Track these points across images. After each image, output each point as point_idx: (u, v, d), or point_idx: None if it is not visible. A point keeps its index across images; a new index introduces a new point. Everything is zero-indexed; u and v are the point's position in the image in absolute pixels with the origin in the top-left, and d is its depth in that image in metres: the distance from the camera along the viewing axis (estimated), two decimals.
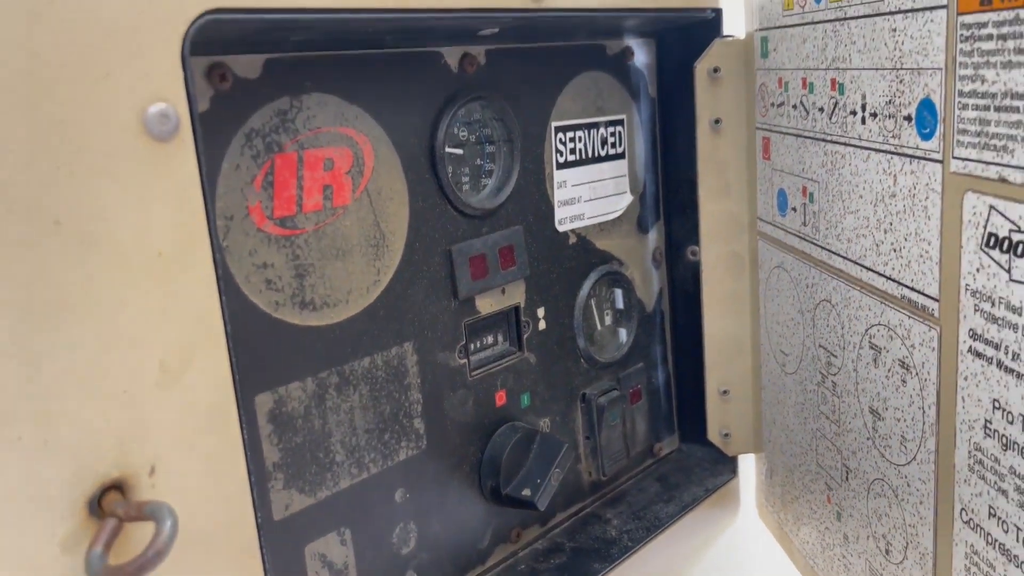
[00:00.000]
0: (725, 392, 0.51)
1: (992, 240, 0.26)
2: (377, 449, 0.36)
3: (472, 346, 0.40)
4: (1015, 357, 0.26)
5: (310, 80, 0.31)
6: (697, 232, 0.48)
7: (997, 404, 0.27)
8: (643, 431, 0.52)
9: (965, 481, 0.29)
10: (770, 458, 0.49)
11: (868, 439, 0.36)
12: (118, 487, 0.23)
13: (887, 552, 0.36)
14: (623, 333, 0.49)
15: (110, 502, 0.22)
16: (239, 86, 0.29)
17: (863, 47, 0.33)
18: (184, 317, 0.24)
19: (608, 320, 0.48)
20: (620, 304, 0.49)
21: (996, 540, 0.28)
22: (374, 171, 0.34)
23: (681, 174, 0.49)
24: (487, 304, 0.41)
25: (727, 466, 0.53)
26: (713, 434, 0.52)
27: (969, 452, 0.29)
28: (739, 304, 0.49)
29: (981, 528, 0.29)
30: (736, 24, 0.46)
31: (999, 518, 0.28)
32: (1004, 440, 0.27)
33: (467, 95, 0.37)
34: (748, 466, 0.53)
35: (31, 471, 0.21)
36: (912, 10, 0.29)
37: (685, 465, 0.53)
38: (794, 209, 0.41)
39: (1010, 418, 0.26)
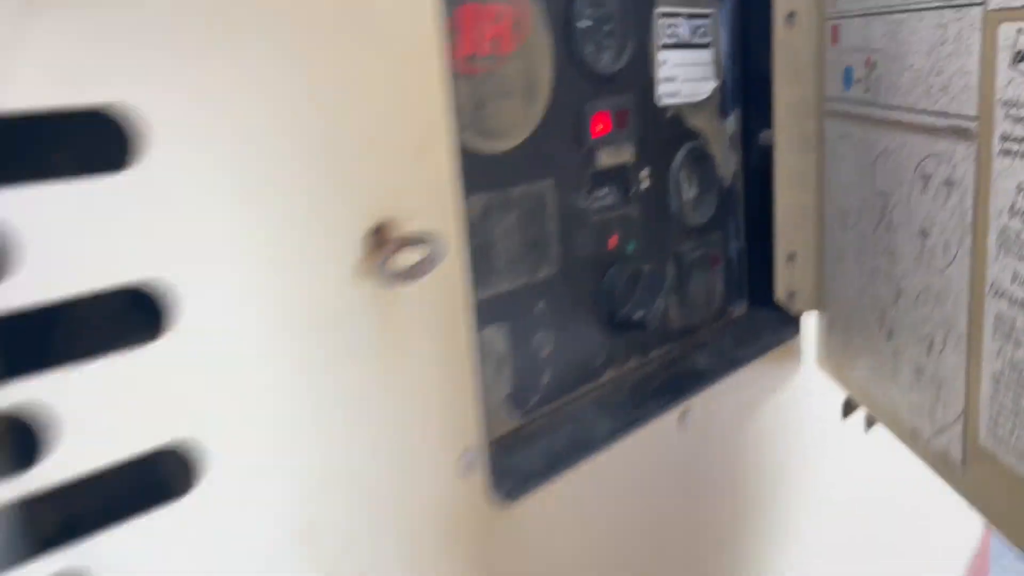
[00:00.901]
0: (791, 257, 0.59)
1: (1019, 56, 0.34)
2: (526, 264, 0.45)
3: (594, 193, 0.50)
4: None
5: None
6: (770, 117, 0.57)
7: (1020, 188, 0.35)
8: (720, 292, 0.61)
9: (994, 259, 0.38)
10: (831, 312, 0.58)
11: (916, 258, 0.45)
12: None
13: (929, 349, 0.45)
14: (706, 203, 0.58)
15: (388, 230, 0.32)
16: None
17: None
18: (426, 117, 0.33)
19: (694, 190, 0.57)
20: (704, 176, 0.58)
21: (1018, 299, 0.37)
22: (530, 31, 0.43)
23: (758, 65, 0.57)
24: (606, 158, 0.50)
25: (791, 325, 0.61)
26: (780, 295, 0.60)
27: (997, 234, 0.37)
28: (805, 179, 0.57)
29: (1005, 294, 0.37)
30: None
31: (1020, 282, 0.36)
32: None
33: None
34: (810, 325, 0.62)
35: (333, 210, 0.31)
36: None
37: (755, 324, 0.62)
38: (858, 80, 0.49)
39: None
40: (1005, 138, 0.36)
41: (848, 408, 0.66)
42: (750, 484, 0.59)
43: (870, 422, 0.69)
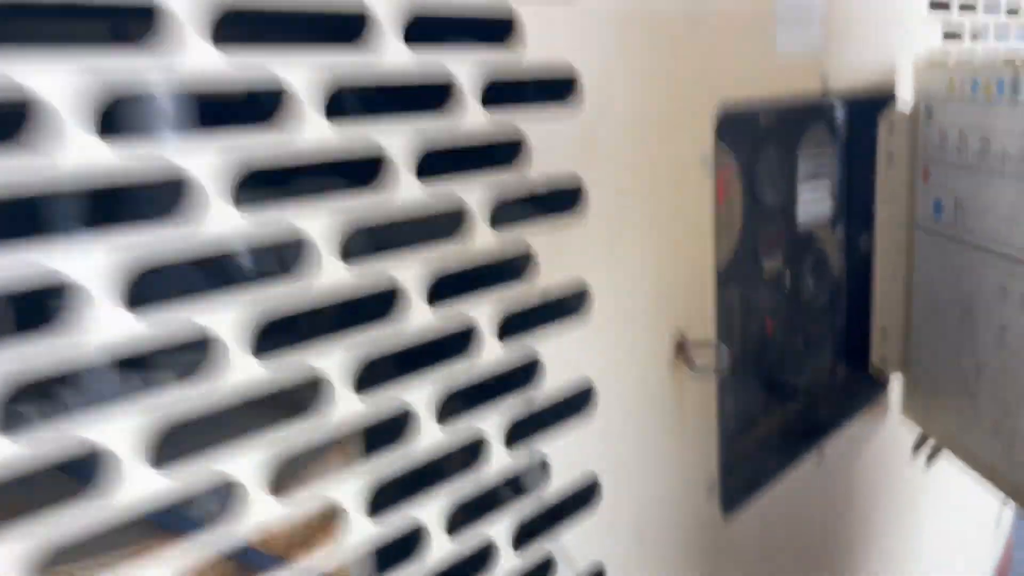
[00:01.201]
0: (884, 332, 0.77)
1: None
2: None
3: (761, 294, 0.68)
4: None
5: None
6: (870, 228, 0.75)
7: None
8: (831, 359, 0.79)
9: None
10: (916, 375, 0.76)
11: (997, 345, 0.63)
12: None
13: (1006, 411, 0.63)
14: (823, 292, 0.76)
15: (686, 338, 0.50)
16: None
17: (1005, 122, 0.60)
18: (702, 262, 0.51)
19: (815, 283, 0.76)
20: (822, 273, 0.76)
21: None
22: (734, 185, 0.61)
23: (861, 190, 0.76)
24: (768, 267, 0.68)
25: (879, 386, 0.80)
26: (875, 361, 0.78)
27: None
28: (896, 274, 0.76)
29: None
30: (906, 92, 0.73)
31: None
32: None
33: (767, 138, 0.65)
34: (895, 385, 0.80)
35: (657, 325, 0.48)
36: None
37: (854, 384, 0.80)
38: (947, 211, 0.68)
39: None
40: None
41: (918, 445, 0.84)
42: (863, 499, 0.77)
43: (931, 458, 0.87)
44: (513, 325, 0.39)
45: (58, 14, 0.29)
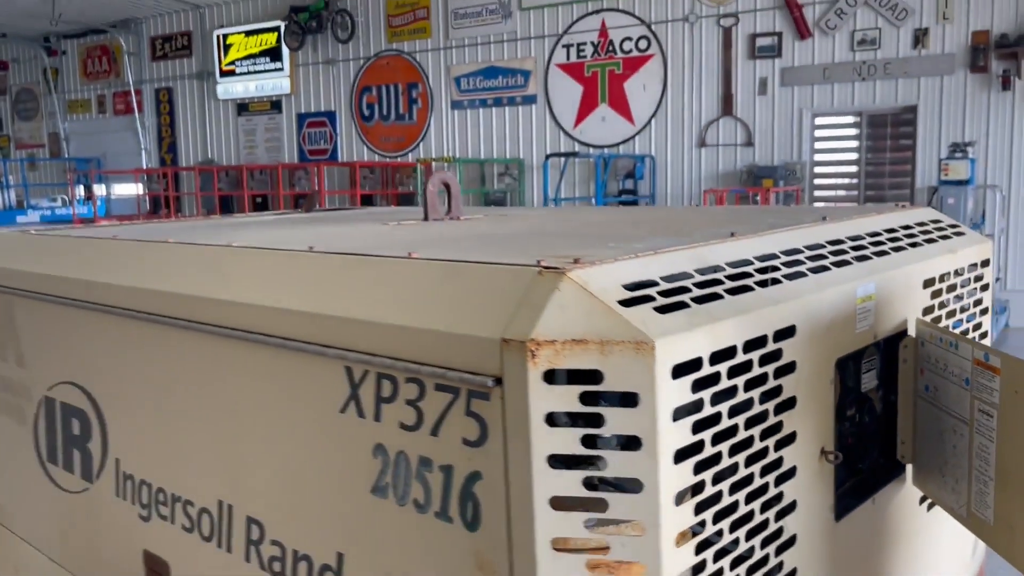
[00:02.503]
0: (903, 442, 1.59)
1: None
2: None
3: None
4: None
5: None
6: (895, 394, 1.57)
7: None
8: (876, 453, 1.60)
9: None
10: (918, 464, 1.57)
11: (953, 455, 1.44)
12: None
13: (965, 491, 1.44)
14: (874, 424, 1.58)
15: None
16: None
17: (952, 361, 1.43)
18: None
19: (871, 421, 1.57)
20: (872, 417, 1.58)
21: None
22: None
23: (891, 378, 1.58)
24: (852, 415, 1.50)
25: (901, 467, 1.61)
26: (900, 457, 1.60)
27: None
28: (908, 415, 1.58)
29: None
30: (911, 331, 1.56)
31: None
32: None
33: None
34: (909, 468, 1.61)
35: None
36: None
37: (890, 467, 1.61)
38: (930, 391, 1.50)
39: None
40: None
41: (923, 499, 1.65)
42: (895, 525, 1.57)
43: (931, 506, 1.68)
44: None
45: None
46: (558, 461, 1.03)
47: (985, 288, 1.84)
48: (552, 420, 1.02)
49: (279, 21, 14.72)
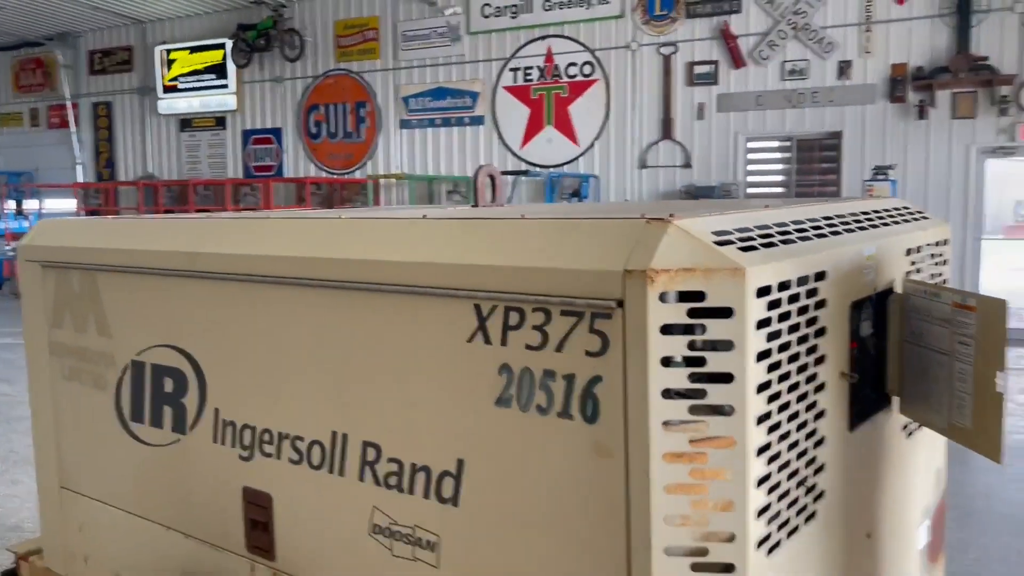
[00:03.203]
0: (891, 376, 1.98)
1: None
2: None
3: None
4: None
5: None
6: (887, 341, 1.97)
7: None
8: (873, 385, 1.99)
9: None
10: (906, 395, 1.97)
11: (936, 381, 1.84)
12: None
13: (949, 409, 1.83)
14: (870, 362, 1.97)
15: None
16: None
17: (929, 310, 1.83)
18: None
19: (871, 359, 1.96)
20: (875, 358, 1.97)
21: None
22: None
23: (882, 325, 1.98)
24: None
25: (890, 399, 2.00)
26: (889, 389, 1.99)
27: None
28: (896, 355, 1.97)
29: None
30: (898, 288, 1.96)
31: None
32: None
33: None
34: (896, 398, 2.00)
35: None
36: None
37: (884, 397, 2.01)
38: (913, 335, 1.90)
39: None
40: None
41: (905, 427, 2.05)
42: (884, 444, 1.96)
43: (910, 434, 2.07)
44: None
45: None
46: (670, 362, 1.38)
47: (944, 263, 2.26)
48: (666, 330, 1.37)
49: (225, 38, 14.81)
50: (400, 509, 1.78)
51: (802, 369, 1.54)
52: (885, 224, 2.03)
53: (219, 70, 14.92)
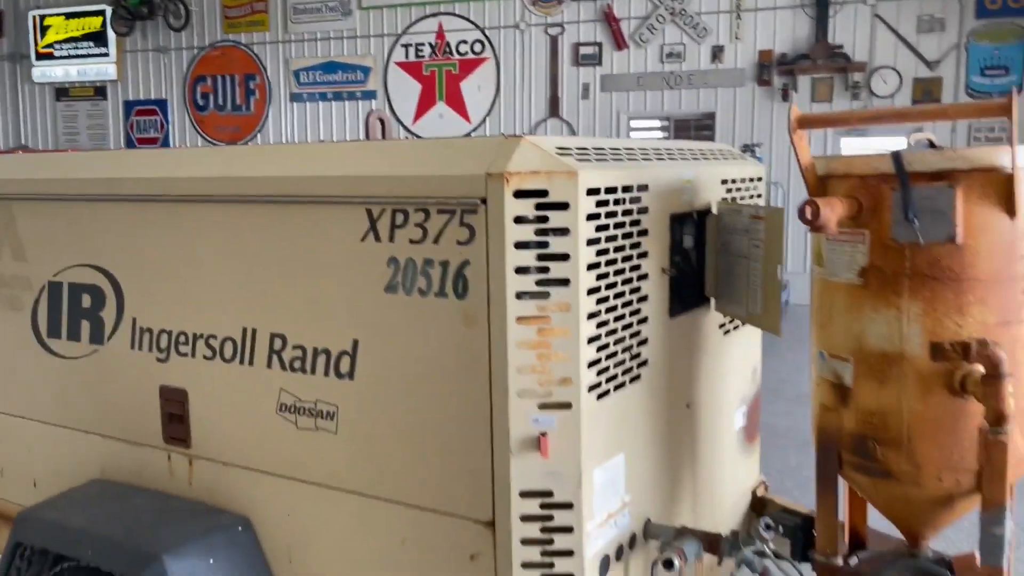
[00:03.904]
0: (710, 285, 2.44)
1: None
2: None
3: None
4: None
5: None
6: (704, 255, 2.43)
7: None
8: (694, 292, 2.44)
9: None
10: (719, 295, 2.43)
11: (745, 283, 2.30)
12: None
13: (747, 304, 2.30)
14: (691, 269, 2.42)
15: None
16: None
17: (733, 223, 2.29)
18: None
19: (691, 267, 2.41)
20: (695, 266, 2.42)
21: None
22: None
23: (701, 242, 2.43)
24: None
25: (709, 299, 2.46)
26: (708, 292, 2.45)
27: None
28: (711, 266, 2.43)
29: None
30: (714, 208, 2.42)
31: None
32: None
33: None
34: (712, 300, 2.47)
35: None
36: None
37: (704, 297, 2.46)
38: (729, 250, 2.36)
39: None
40: None
41: (724, 324, 2.52)
42: (706, 334, 2.42)
43: (727, 333, 2.54)
44: None
45: None
46: (521, 245, 1.77)
47: (759, 196, 2.75)
48: (518, 220, 1.76)
49: (105, 5, 14.39)
50: (303, 388, 2.11)
51: (627, 259, 1.96)
52: (707, 159, 2.49)
53: (98, 38, 14.49)
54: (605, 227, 1.87)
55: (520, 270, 1.77)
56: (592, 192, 1.82)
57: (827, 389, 2.01)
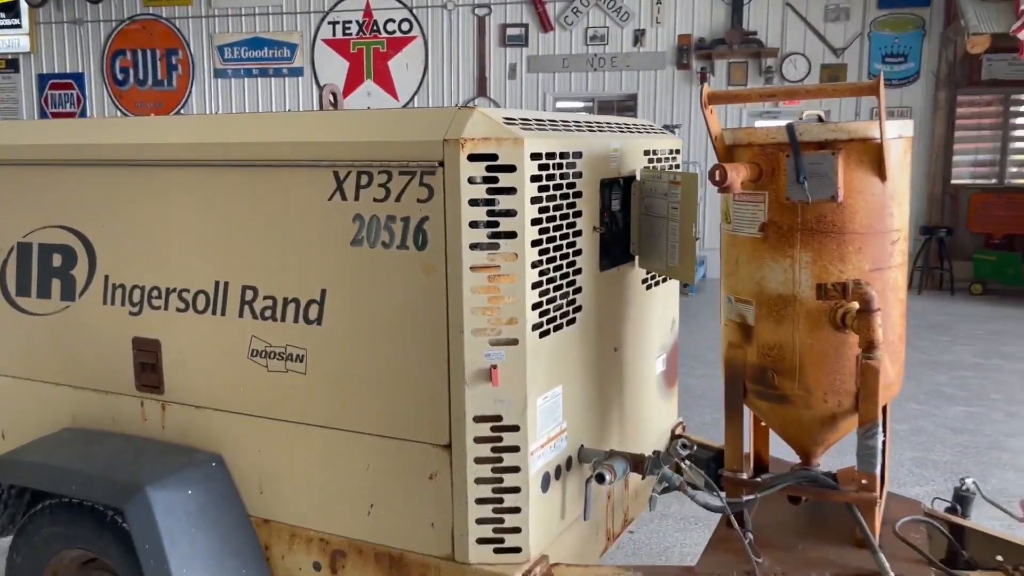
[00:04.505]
0: (634, 243, 2.75)
1: None
2: None
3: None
4: None
5: None
6: (630, 218, 2.74)
7: None
8: (621, 252, 2.75)
9: None
10: (642, 254, 2.75)
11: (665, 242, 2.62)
12: None
13: (666, 258, 2.62)
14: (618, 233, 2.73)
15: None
16: None
17: (657, 189, 2.61)
18: None
19: (620, 230, 2.72)
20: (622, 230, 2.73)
21: None
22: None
23: (626, 206, 2.74)
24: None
25: (632, 257, 2.78)
26: (632, 250, 2.76)
27: None
28: (636, 225, 2.75)
29: None
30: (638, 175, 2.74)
31: None
32: None
33: None
34: (636, 257, 2.79)
35: None
36: None
37: (628, 254, 2.78)
38: (668, 216, 2.67)
39: None
40: None
41: (647, 280, 2.84)
42: (630, 288, 2.74)
43: (648, 288, 2.87)
44: None
45: None
46: (474, 203, 2.04)
47: (677, 166, 3.08)
48: (471, 180, 2.03)
49: None
50: (274, 334, 2.34)
51: (564, 217, 2.25)
52: (632, 132, 2.80)
53: (9, 8, 14.03)
54: (546, 188, 2.15)
55: (473, 224, 2.04)
56: (535, 157, 2.10)
57: (733, 329, 2.35)
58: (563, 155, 2.23)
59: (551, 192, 2.18)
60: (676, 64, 11.27)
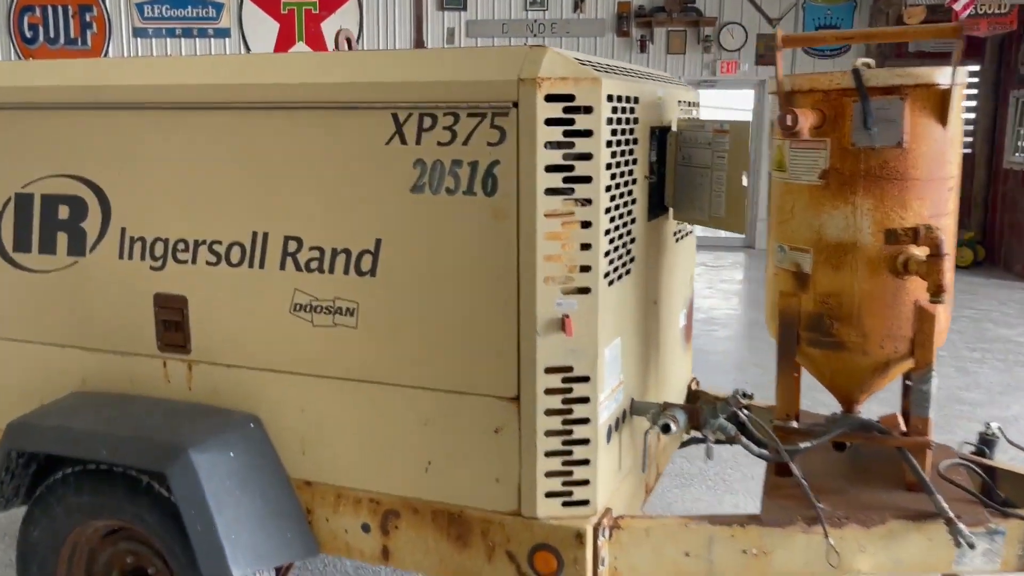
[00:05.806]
0: (669, 195, 2.73)
1: None
2: None
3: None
4: None
5: None
6: (664, 167, 2.71)
7: None
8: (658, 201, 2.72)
9: None
10: (676, 206, 2.72)
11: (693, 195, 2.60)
12: None
13: (706, 209, 2.60)
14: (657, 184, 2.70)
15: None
16: None
17: (698, 139, 2.58)
18: None
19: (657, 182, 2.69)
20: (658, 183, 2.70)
21: None
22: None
23: (663, 157, 2.71)
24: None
25: (667, 208, 2.75)
26: (667, 202, 2.73)
27: None
28: (671, 178, 2.72)
29: None
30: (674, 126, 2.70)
31: None
32: None
33: None
34: (671, 209, 2.76)
35: None
36: None
37: (665, 207, 2.75)
38: (687, 162, 2.65)
39: None
40: None
41: (676, 232, 2.82)
42: (661, 235, 2.71)
43: (678, 240, 2.85)
44: None
45: None
46: (550, 145, 1.97)
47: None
48: (548, 122, 1.95)
49: None
50: (321, 287, 2.22)
51: (626, 163, 2.21)
52: (667, 83, 2.76)
53: None
54: (615, 132, 2.10)
55: (549, 168, 1.97)
56: (610, 99, 2.04)
57: (786, 277, 2.35)
58: (627, 99, 2.18)
59: (619, 136, 2.13)
60: (616, 31, 11.27)
